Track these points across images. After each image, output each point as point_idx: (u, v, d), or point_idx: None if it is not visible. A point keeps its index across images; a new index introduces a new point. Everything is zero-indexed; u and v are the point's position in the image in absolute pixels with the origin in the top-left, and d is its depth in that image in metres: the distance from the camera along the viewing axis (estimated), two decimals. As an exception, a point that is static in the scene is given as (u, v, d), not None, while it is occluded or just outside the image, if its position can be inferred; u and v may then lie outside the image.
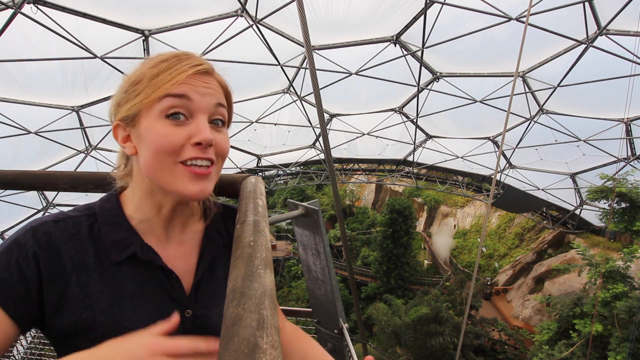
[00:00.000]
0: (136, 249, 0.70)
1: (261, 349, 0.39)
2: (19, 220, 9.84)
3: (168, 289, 0.72)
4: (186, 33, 6.97)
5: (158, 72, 0.67)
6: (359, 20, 7.28)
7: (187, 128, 0.67)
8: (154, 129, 0.66)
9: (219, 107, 0.72)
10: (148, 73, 0.68)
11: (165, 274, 0.72)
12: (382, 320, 15.14)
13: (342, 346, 2.27)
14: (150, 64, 0.69)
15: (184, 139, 0.66)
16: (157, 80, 0.67)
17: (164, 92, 0.66)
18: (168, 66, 0.68)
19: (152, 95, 0.66)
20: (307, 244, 2.19)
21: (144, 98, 0.67)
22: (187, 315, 0.73)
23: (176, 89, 0.66)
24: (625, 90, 7.48)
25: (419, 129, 11.89)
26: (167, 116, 0.66)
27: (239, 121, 10.71)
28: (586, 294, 11.31)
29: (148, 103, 0.67)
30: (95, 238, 0.70)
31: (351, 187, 32.47)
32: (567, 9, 6.60)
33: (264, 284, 0.51)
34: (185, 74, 0.67)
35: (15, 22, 5.42)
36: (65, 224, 0.69)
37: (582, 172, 12.51)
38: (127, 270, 0.69)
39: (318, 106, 3.10)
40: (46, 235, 0.66)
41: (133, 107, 0.68)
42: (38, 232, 0.66)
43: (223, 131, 0.74)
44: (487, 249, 22.22)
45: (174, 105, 0.66)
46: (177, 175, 0.67)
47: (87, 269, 0.67)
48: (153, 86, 0.66)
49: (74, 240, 0.68)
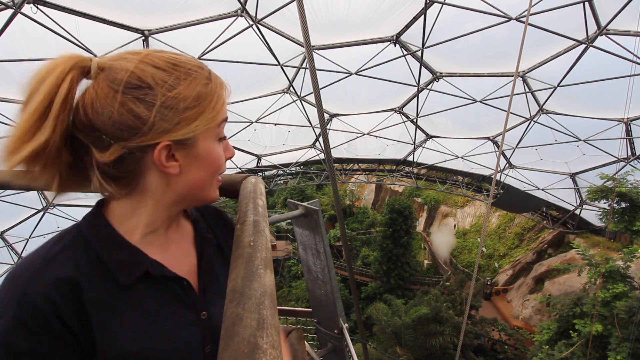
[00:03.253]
0: (147, 266, 0.66)
1: (261, 349, 0.39)
2: (19, 220, 9.85)
3: (183, 297, 0.70)
4: (186, 33, 6.97)
5: (210, 93, 0.66)
6: (359, 20, 7.28)
7: (224, 146, 0.74)
8: (213, 151, 0.70)
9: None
10: (201, 92, 0.65)
11: (176, 283, 0.70)
12: (382, 320, 15.15)
13: (342, 346, 2.27)
14: (198, 82, 0.65)
15: (224, 157, 0.74)
16: (216, 104, 0.67)
17: (222, 118, 0.70)
18: (214, 87, 0.68)
19: (214, 120, 0.67)
20: (307, 244, 2.19)
21: (207, 123, 0.66)
22: (203, 317, 0.72)
23: (225, 113, 0.71)
24: (625, 90, 7.48)
25: (419, 129, 11.89)
26: (220, 138, 0.72)
27: (239, 121, 10.71)
28: (586, 294, 11.31)
29: (210, 128, 0.68)
30: (96, 266, 0.62)
31: (351, 187, 32.47)
32: (567, 9, 6.61)
33: (264, 284, 0.51)
34: (228, 95, 0.71)
35: (15, 22, 5.43)
36: (62, 260, 0.60)
37: (582, 172, 12.51)
38: (140, 291, 0.65)
39: (318, 106, 3.10)
40: (50, 286, 0.56)
41: (194, 130, 0.64)
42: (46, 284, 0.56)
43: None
44: (487, 249, 22.22)
45: (223, 127, 0.72)
46: (214, 187, 0.74)
47: (101, 301, 0.60)
48: (213, 111, 0.67)
49: (81, 275, 0.60)
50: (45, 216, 10.09)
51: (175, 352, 0.67)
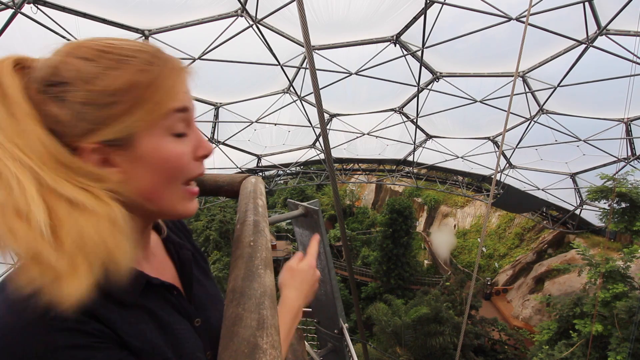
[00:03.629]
0: (146, 278, 0.61)
1: (261, 349, 0.39)
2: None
3: (177, 306, 0.67)
4: (186, 33, 6.97)
5: (150, 80, 0.54)
6: (359, 20, 7.28)
7: (189, 141, 0.60)
8: (163, 151, 0.56)
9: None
10: (137, 81, 0.53)
11: (168, 291, 0.67)
12: (382, 320, 15.15)
13: (342, 346, 2.27)
14: (134, 67, 0.53)
15: (190, 156, 0.59)
16: (154, 92, 0.54)
17: (169, 108, 0.56)
18: (158, 71, 0.55)
19: (155, 112, 0.54)
20: (307, 244, 2.18)
21: (143, 116, 0.53)
22: (196, 324, 0.70)
23: (179, 102, 0.57)
24: (625, 90, 7.48)
25: (419, 129, 11.89)
26: (172, 134, 0.57)
27: (239, 121, 10.71)
28: (586, 294, 11.31)
29: (149, 123, 0.54)
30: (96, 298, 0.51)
31: (351, 187, 32.46)
32: (567, 9, 6.61)
33: (264, 284, 0.51)
34: (183, 81, 0.58)
35: (15, 22, 5.42)
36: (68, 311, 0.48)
37: (582, 172, 12.51)
38: (144, 307, 0.60)
39: (318, 106, 3.10)
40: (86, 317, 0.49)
41: (127, 127, 0.53)
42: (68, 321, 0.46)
43: None
44: (487, 249, 22.22)
45: (181, 119, 0.58)
46: (179, 198, 0.60)
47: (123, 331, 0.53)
48: (154, 100, 0.54)
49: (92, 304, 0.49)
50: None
51: (200, 353, 0.66)
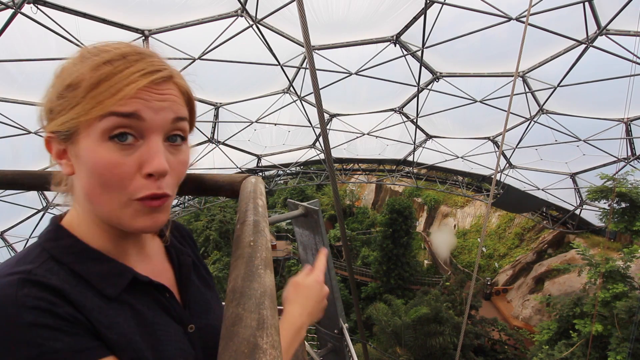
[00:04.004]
0: (132, 274, 0.61)
1: (261, 349, 0.39)
2: (19, 220, 9.84)
3: (168, 308, 0.66)
4: (186, 33, 6.97)
5: (99, 79, 0.53)
6: (359, 20, 7.28)
7: (136, 153, 0.55)
8: (95, 154, 0.53)
9: (178, 122, 0.59)
10: (87, 78, 0.53)
11: (159, 292, 0.66)
12: (382, 320, 15.15)
13: (342, 346, 2.27)
14: (90, 64, 0.54)
15: (133, 168, 0.54)
16: (99, 91, 0.53)
17: (107, 110, 0.52)
18: (112, 71, 0.53)
19: (92, 112, 0.52)
20: (307, 244, 2.19)
21: (81, 114, 0.53)
22: (190, 330, 0.68)
23: (123, 107, 0.53)
24: (625, 90, 7.48)
25: (419, 129, 11.89)
26: (111, 137, 0.53)
27: (239, 121, 10.71)
28: (586, 294, 11.31)
29: (86, 121, 0.53)
30: (77, 280, 0.55)
31: (351, 187, 32.47)
32: (567, 9, 6.61)
33: (264, 284, 0.51)
34: (135, 86, 0.53)
35: (15, 22, 5.42)
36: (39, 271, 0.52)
37: (582, 172, 12.52)
38: (130, 300, 0.60)
39: (318, 106, 3.10)
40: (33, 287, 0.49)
41: (68, 122, 0.54)
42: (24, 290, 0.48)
43: (181, 149, 0.62)
44: (487, 249, 22.22)
45: (119, 124, 0.53)
46: (125, 210, 0.56)
47: (92, 312, 0.53)
48: (93, 99, 0.53)
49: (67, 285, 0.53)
50: (45, 216, 10.09)
51: (184, 356, 0.64)
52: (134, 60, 0.56)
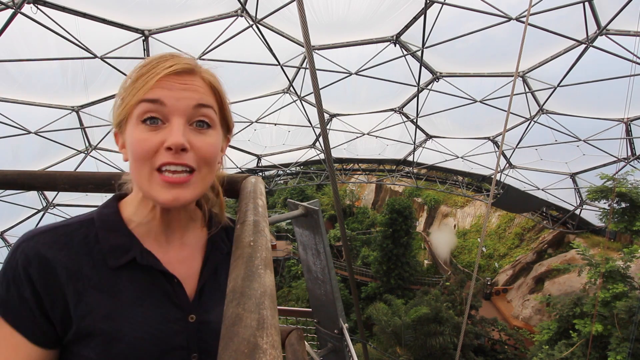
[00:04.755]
0: (135, 254, 0.69)
1: (261, 349, 0.39)
2: (19, 220, 9.84)
3: (170, 294, 0.71)
4: (186, 33, 6.97)
5: (137, 76, 0.67)
6: (359, 20, 7.28)
7: (162, 132, 0.65)
8: (132, 135, 0.66)
9: (201, 108, 0.68)
10: (132, 77, 0.68)
11: (166, 278, 0.71)
12: (382, 320, 15.15)
13: (342, 346, 2.27)
14: (136, 68, 0.69)
15: (157, 144, 0.65)
16: (135, 85, 0.66)
17: (139, 98, 0.65)
18: (147, 70, 0.67)
19: (131, 101, 0.66)
20: (307, 244, 2.19)
21: (125, 105, 0.67)
22: (190, 320, 0.71)
23: (149, 94, 0.65)
24: (625, 90, 7.48)
25: (419, 129, 11.89)
26: (143, 121, 0.65)
27: (239, 121, 10.70)
28: (586, 294, 11.32)
29: (128, 109, 0.66)
30: (91, 245, 0.68)
31: (351, 187, 32.47)
32: (567, 9, 6.60)
33: (264, 284, 0.51)
34: (158, 76, 0.65)
35: (15, 22, 5.42)
36: (55, 234, 0.67)
37: (582, 172, 12.52)
38: (126, 276, 0.68)
39: (318, 106, 3.10)
40: (33, 250, 0.64)
41: (119, 114, 0.69)
42: (25, 248, 0.64)
43: (209, 134, 0.70)
44: (487, 249, 22.22)
45: (148, 110, 0.65)
46: (152, 183, 0.66)
47: (82, 277, 0.65)
48: (132, 92, 0.66)
49: (67, 250, 0.66)
50: (45, 216, 10.09)
51: (149, 344, 0.66)
52: (164, 60, 0.68)
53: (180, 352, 0.69)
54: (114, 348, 0.64)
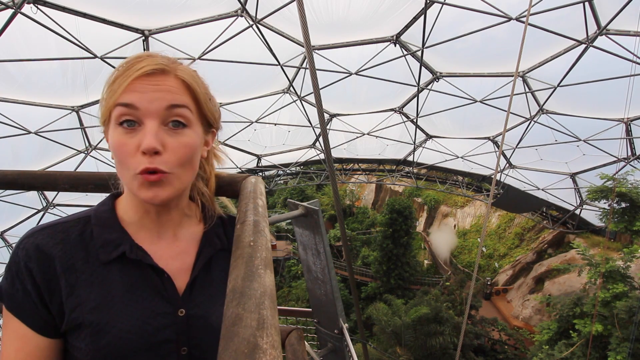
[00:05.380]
0: (125, 249, 0.71)
1: (261, 349, 0.39)
2: (19, 220, 9.84)
3: (160, 288, 0.72)
4: (186, 33, 6.96)
5: (114, 78, 0.68)
6: (359, 20, 7.27)
7: (137, 136, 0.67)
8: (112, 137, 0.68)
9: (174, 108, 0.68)
10: (111, 78, 0.69)
11: (156, 273, 0.72)
12: (382, 320, 15.14)
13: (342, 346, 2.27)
14: (116, 69, 0.70)
15: (134, 148, 0.66)
16: (112, 88, 0.67)
17: (114, 101, 0.66)
18: (122, 71, 0.67)
19: (108, 103, 0.68)
20: (307, 244, 2.19)
21: (104, 107, 0.69)
22: (180, 314, 0.72)
23: (123, 98, 0.66)
24: (625, 90, 7.48)
25: (419, 129, 11.89)
26: (120, 124, 0.67)
27: (239, 121, 10.71)
28: (586, 294, 11.31)
29: (108, 112, 0.68)
30: (87, 241, 0.71)
31: (351, 187, 32.45)
32: (567, 9, 6.60)
33: (264, 284, 0.51)
34: (129, 79, 0.66)
35: (15, 22, 5.42)
36: (54, 230, 0.71)
37: (582, 172, 12.51)
38: (116, 270, 0.70)
39: (318, 106, 3.10)
40: (33, 246, 0.68)
41: (102, 114, 0.71)
42: (27, 244, 0.68)
43: (184, 133, 0.70)
44: (487, 249, 22.21)
45: (123, 113, 0.66)
46: (134, 182, 0.68)
47: (75, 270, 0.68)
48: (109, 94, 0.68)
49: (63, 245, 0.69)
50: (45, 216, 10.09)
51: (136, 336, 0.68)
52: (139, 61, 0.68)
53: (169, 345, 0.71)
54: (101, 339, 0.66)
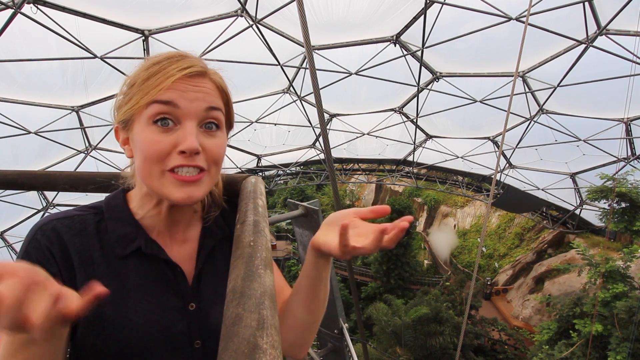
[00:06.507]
0: (141, 243, 0.71)
1: (261, 349, 0.39)
2: (19, 220, 9.84)
3: (172, 283, 0.73)
4: (186, 33, 6.96)
5: (148, 75, 0.67)
6: (359, 20, 7.27)
7: (174, 135, 0.66)
8: (142, 135, 0.66)
9: (211, 111, 0.70)
10: (140, 76, 0.68)
11: (169, 267, 0.73)
12: (382, 320, 15.14)
13: (342, 346, 2.27)
14: (144, 66, 0.69)
15: (170, 147, 0.66)
16: (147, 85, 0.66)
17: (151, 99, 0.65)
18: (158, 69, 0.67)
19: (141, 101, 0.66)
20: (307, 244, 2.19)
21: (134, 104, 0.67)
22: (190, 308, 0.73)
23: (163, 95, 0.65)
24: (625, 90, 7.48)
25: (419, 129, 11.89)
26: (154, 122, 0.66)
27: (239, 121, 10.70)
28: (586, 294, 11.31)
29: (138, 109, 0.67)
30: (102, 234, 0.71)
31: (351, 187, 32.47)
32: (567, 9, 6.60)
33: (264, 284, 0.51)
34: (172, 78, 0.66)
35: (15, 22, 5.42)
36: (71, 221, 0.70)
37: (582, 172, 12.51)
38: (132, 264, 0.71)
39: (318, 106, 3.10)
40: (54, 232, 0.67)
41: (126, 111, 0.69)
42: (46, 229, 0.67)
43: (217, 135, 0.72)
44: (487, 249, 22.21)
45: (161, 111, 0.66)
46: (164, 182, 0.67)
47: (93, 263, 0.68)
48: (142, 91, 0.66)
49: (80, 236, 0.69)
50: (45, 216, 10.08)
51: (152, 330, 0.68)
52: (176, 60, 0.68)
53: (183, 338, 0.72)
54: (118, 333, 0.66)
